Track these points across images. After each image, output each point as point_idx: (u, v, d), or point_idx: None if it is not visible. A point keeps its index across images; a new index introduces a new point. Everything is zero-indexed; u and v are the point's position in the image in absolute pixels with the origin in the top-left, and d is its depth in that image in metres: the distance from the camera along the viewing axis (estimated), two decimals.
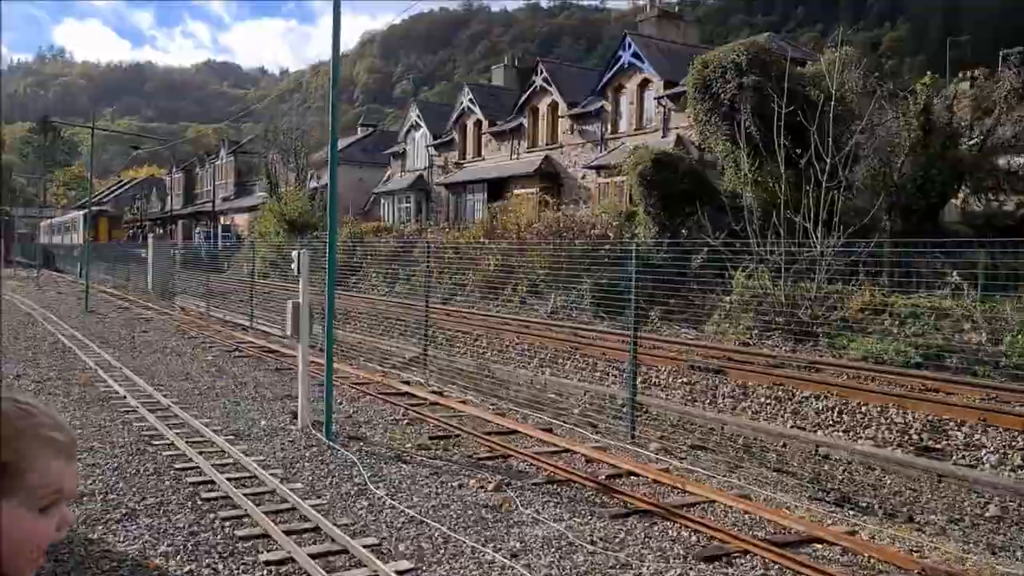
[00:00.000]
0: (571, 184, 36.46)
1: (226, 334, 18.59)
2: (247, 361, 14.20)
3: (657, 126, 32.54)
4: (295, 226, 44.37)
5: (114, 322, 20.63)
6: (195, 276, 31.87)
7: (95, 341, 16.23)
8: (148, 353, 14.70)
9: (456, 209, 42.95)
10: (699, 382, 14.49)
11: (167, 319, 22.10)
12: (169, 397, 10.31)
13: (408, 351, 19.14)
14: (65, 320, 20.55)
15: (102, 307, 25.20)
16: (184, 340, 17.08)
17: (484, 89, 43.96)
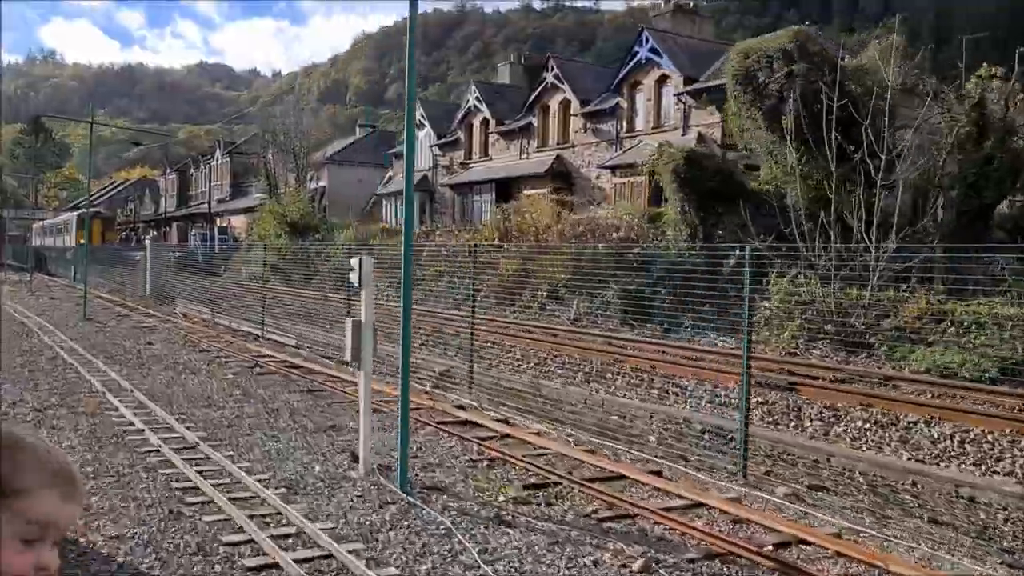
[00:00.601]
0: (584, 184, 34.87)
1: (239, 346, 16.88)
2: (272, 380, 12.51)
3: (676, 124, 30.96)
4: (296, 228, 42.62)
5: (116, 332, 18.89)
6: (196, 280, 30.09)
7: (98, 355, 14.50)
8: (159, 370, 12.98)
9: (462, 211, 41.29)
10: (775, 401, 12.86)
11: (171, 327, 20.37)
12: (194, 430, 8.62)
13: (436, 364, 17.47)
14: (62, 330, 18.78)
15: (100, 314, 23.42)
16: (196, 353, 15.37)
17: (491, 87, 42.30)
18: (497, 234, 29.87)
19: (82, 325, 20.08)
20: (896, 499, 8.44)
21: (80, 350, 15.13)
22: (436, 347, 17.80)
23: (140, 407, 9.88)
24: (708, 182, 23.05)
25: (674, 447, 10.09)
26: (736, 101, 21.35)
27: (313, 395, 11.16)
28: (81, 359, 13.94)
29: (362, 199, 53.75)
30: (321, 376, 12.93)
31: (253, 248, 41.49)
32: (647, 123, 32.36)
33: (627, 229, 24.94)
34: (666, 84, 31.83)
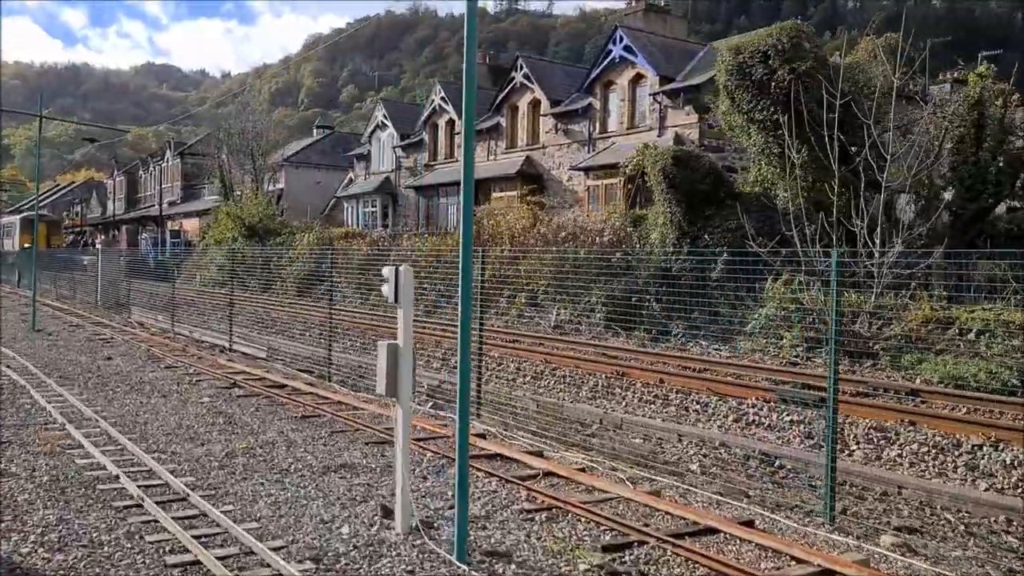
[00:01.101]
0: (555, 187, 33.64)
1: (208, 360, 15.25)
2: (255, 403, 10.95)
3: (652, 124, 29.91)
4: (255, 232, 40.69)
5: (69, 345, 17.07)
6: (151, 287, 28.14)
7: (52, 374, 12.78)
8: (125, 392, 11.34)
9: (427, 213, 39.76)
10: (810, 420, 11.68)
11: (130, 339, 18.60)
12: (180, 475, 7.08)
13: (427, 378, 16.01)
14: (9, 344, 16.90)
15: (51, 324, 21.47)
16: (162, 370, 13.71)
17: (456, 86, 40.76)
18: None
19: (32, 338, 18.18)
20: (1002, 543, 7.27)
21: (31, 368, 13.36)
22: (418, 359, 16.37)
23: (109, 443, 8.29)
24: (698, 184, 22.00)
25: (733, 482, 8.82)
26: (728, 99, 20.24)
27: (309, 423, 9.66)
28: (33, 380, 12.20)
29: (320, 202, 51.88)
30: (309, 397, 11.42)
31: (210, 252, 39.48)
32: (621, 124, 31.26)
33: (613, 231, 23.74)
34: (641, 84, 30.77)
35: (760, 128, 19.65)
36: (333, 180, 52.94)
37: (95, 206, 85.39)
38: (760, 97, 19.37)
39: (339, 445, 8.47)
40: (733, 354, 18.66)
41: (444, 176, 38.79)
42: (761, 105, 19.27)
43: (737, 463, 9.73)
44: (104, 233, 75.87)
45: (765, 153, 20.02)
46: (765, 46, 19.62)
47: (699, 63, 30.93)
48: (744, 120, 19.96)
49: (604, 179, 30.62)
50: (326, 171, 53.41)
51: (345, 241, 35.73)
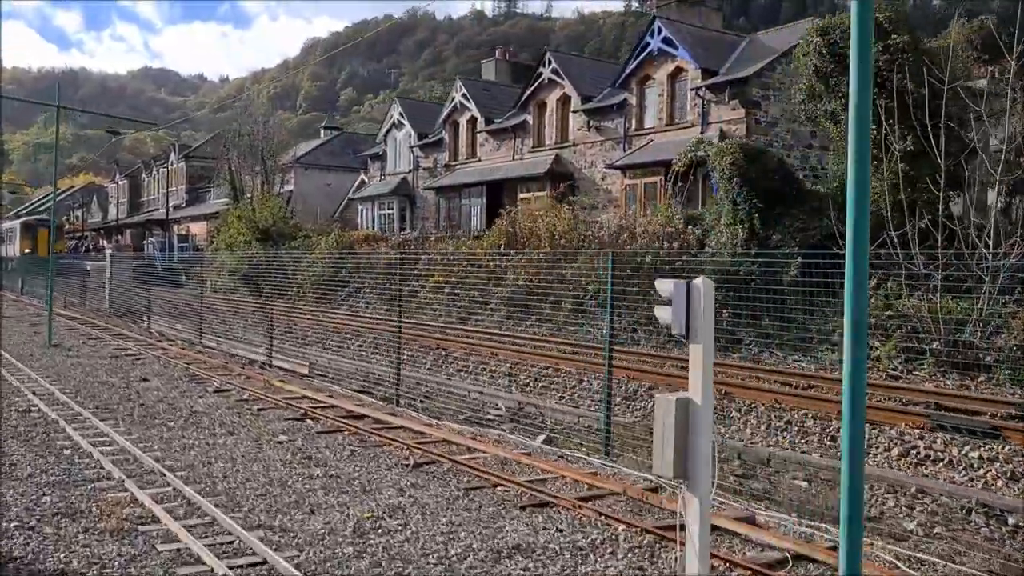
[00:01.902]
0: (587, 186, 31.59)
1: (256, 380, 13.16)
2: (344, 442, 8.84)
3: (694, 120, 27.86)
4: (268, 235, 38.48)
5: (94, 362, 14.92)
6: (170, 295, 25.96)
7: (87, 403, 10.66)
8: (180, 427, 9.25)
9: (447, 215, 37.62)
10: (1007, 458, 9.64)
11: (160, 355, 16.44)
12: (313, 572, 5.00)
13: (499, 398, 13.97)
14: (27, 361, 14.74)
15: (67, 337, 19.30)
16: (211, 395, 11.60)
17: (478, 83, 38.76)
18: (504, 240, 26.38)
19: (50, 355, 16.02)
20: None
21: (60, 395, 11.22)
22: (471, 373, 14.28)
23: (191, 511, 6.18)
24: (768, 180, 20.00)
25: (977, 548, 6.77)
26: (821, 84, 18.23)
27: (427, 473, 7.57)
28: (65, 411, 10.09)
29: (330, 204, 49.68)
30: (403, 433, 9.35)
31: (227, 257, 37.22)
32: (659, 120, 29.21)
33: (676, 232, 21.71)
34: (681, 78, 28.72)
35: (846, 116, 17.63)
36: (344, 182, 50.78)
37: (96, 211, 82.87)
38: (845, 82, 17.35)
39: (486, 511, 6.40)
40: (820, 366, 16.69)
41: (466, 176, 36.72)
42: (842, 91, 17.27)
43: (958, 519, 7.68)
44: (107, 238, 73.44)
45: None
46: None
47: (741, 56, 28.95)
48: (840, 107, 17.92)
49: (643, 178, 28.59)
50: (336, 173, 51.24)
51: (366, 245, 33.57)
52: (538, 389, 14.77)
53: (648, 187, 28.46)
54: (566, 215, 26.42)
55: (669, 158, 27.12)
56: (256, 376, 13.86)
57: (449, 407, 12.80)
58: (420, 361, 17.97)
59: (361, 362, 17.43)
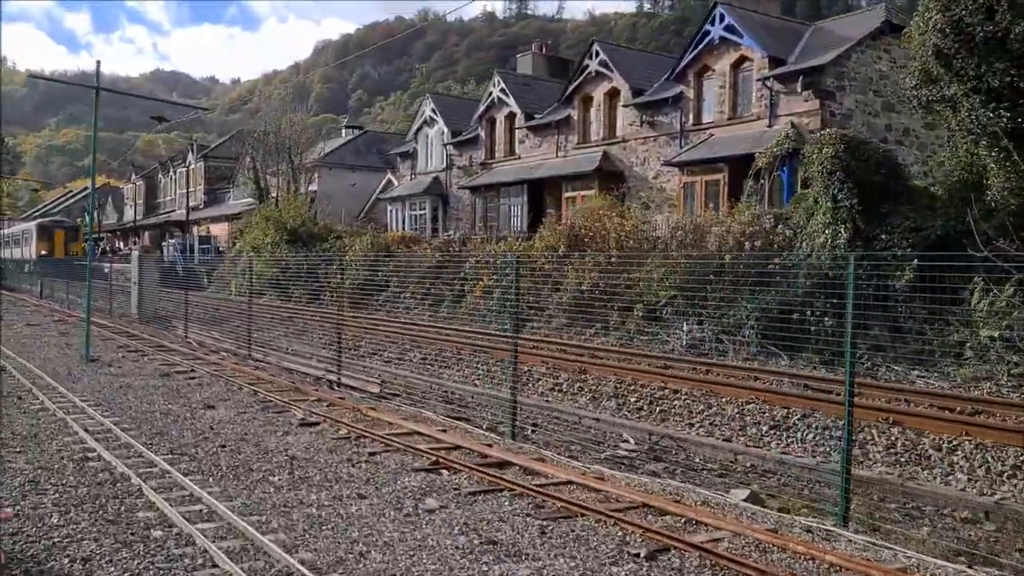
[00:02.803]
0: (639, 184, 29.36)
1: (339, 406, 10.89)
2: (516, 508, 6.55)
3: (760, 113, 25.60)
4: (297, 236, 36.22)
5: (144, 383, 12.66)
6: (211, 301, 23.69)
7: (155, 443, 8.40)
8: (289, 485, 7.01)
9: (484, 216, 35.31)
10: None
11: (213, 371, 14.16)
12: None
13: (623, 426, 11.78)
14: (66, 382, 12.48)
15: (102, 348, 17.01)
16: (302, 430, 9.33)
17: (517, 78, 36.47)
18: (564, 242, 24.06)
19: (90, 372, 13.74)
20: None
21: (118, 432, 8.94)
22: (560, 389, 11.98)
23: None
24: (872, 175, 17.76)
25: None
26: (941, 66, 15.88)
27: (672, 570, 5.29)
28: (134, 458, 7.80)
29: (355, 204, 47.39)
30: (576, 491, 7.08)
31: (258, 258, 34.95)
32: (720, 114, 26.92)
33: (766, 233, 19.46)
34: (745, 68, 26.45)
35: (986, 100, 15.29)
36: (369, 182, 48.57)
37: (111, 212, 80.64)
38: (988, 59, 15.03)
39: None
40: (954, 384, 14.44)
41: (504, 175, 34.48)
42: (992, 69, 14.94)
43: None
44: (124, 239, 71.23)
45: (987, 132, 15.68)
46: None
47: (807, 45, 26.67)
48: (962, 91, 15.59)
49: (703, 175, 26.33)
50: (361, 172, 49.02)
51: (404, 246, 31.28)
52: (656, 414, 12.49)
53: (709, 185, 26.20)
54: (634, 214, 24.21)
55: (733, 154, 24.93)
56: (335, 400, 11.60)
57: (563, 436, 10.54)
58: (497, 375, 15.68)
59: (431, 378, 15.17)
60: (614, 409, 13.08)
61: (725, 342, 17.85)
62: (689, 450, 10.52)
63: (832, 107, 24.40)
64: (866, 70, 25.06)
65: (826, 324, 16.11)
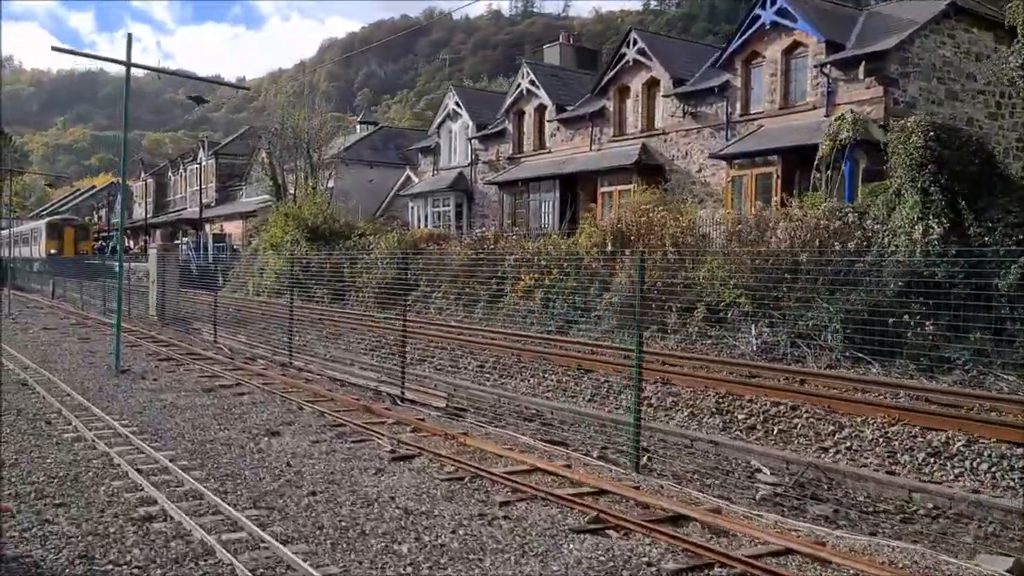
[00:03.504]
0: (681, 178, 27.57)
1: (425, 430, 9.09)
2: None
3: (816, 102, 23.79)
4: (318, 234, 34.41)
5: (189, 400, 10.87)
6: (238, 302, 21.89)
7: (228, 489, 6.59)
8: (432, 567, 5.17)
9: (513, 212, 33.47)
10: None
11: (259, 383, 12.36)
12: None
13: (752, 452, 10.05)
14: (99, 400, 10.69)
15: (130, 355, 15.19)
16: (400, 469, 7.54)
17: (547, 68, 34.62)
18: (611, 238, 22.23)
19: (124, 387, 11.93)
20: None
21: (175, 470, 7.14)
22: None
23: None
24: (966, 165, 15.99)
25: None
26: None
27: None
28: (206, 513, 5.97)
29: (372, 201, 45.55)
30: (811, 568, 5.32)
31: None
32: (771, 103, 25.09)
33: (840, 229, 17.63)
34: (798, 54, 24.63)
35: None
36: (386, 178, 46.74)
37: (120, 210, 78.74)
38: None
39: None
40: None
41: (534, 169, 32.68)
42: None
43: None
44: (133, 238, 69.37)
45: None
46: None
47: (864, 29, 24.83)
48: None
49: (754, 168, 24.49)
50: (379, 169, 47.17)
51: (434, 244, 29.42)
52: (774, 435, 10.70)
53: (760, 179, 24.36)
54: (690, 209, 22.44)
55: (786, 145, 23.15)
56: (413, 421, 9.81)
57: (686, 465, 8.76)
58: (571, 388, 13.89)
59: (502, 391, 13.38)
60: (720, 428, 11.31)
61: (802, 347, 16.10)
62: (845, 485, 8.74)
63: (896, 95, 22.63)
64: (930, 56, 23.26)
65: (927, 328, 14.42)
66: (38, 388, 11.51)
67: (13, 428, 8.70)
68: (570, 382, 14.34)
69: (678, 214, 21.67)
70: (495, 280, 24.14)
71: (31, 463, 7.21)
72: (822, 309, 16.00)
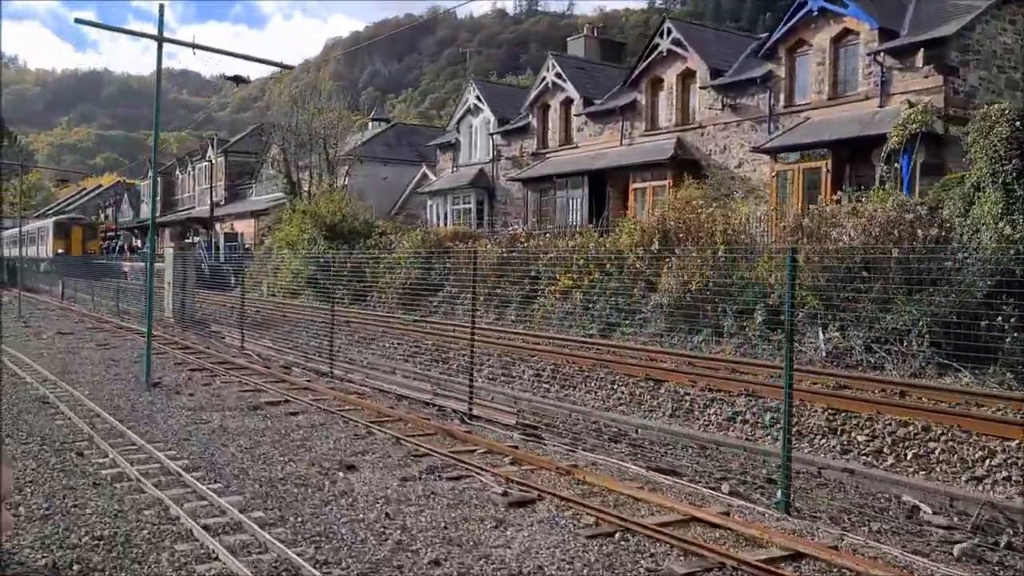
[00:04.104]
0: (719, 174, 26.03)
1: (527, 462, 7.57)
2: None
3: (869, 92, 22.28)
4: (337, 233, 32.88)
5: (236, 423, 9.34)
6: (264, 305, 20.36)
7: (328, 556, 5.12)
8: None
9: (538, 209, 31.95)
10: None
11: (310, 399, 10.84)
12: None
13: (904, 485, 8.56)
14: (134, 421, 9.15)
15: (161, 368, 13.65)
16: (527, 520, 5.99)
17: (573, 61, 33.07)
18: (657, 236, 20.70)
19: (159, 404, 10.39)
20: None
21: (253, 527, 5.59)
22: None
23: None
24: None
25: None
26: None
27: None
28: None
29: (387, 199, 43.99)
30: None
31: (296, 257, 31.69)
32: (818, 94, 23.58)
33: (918, 222, 16.11)
34: (848, 42, 23.14)
35: None
36: (401, 176, 45.21)
37: (126, 209, 77.08)
38: None
39: None
40: None
41: (561, 165, 31.16)
42: None
43: None
44: (139, 237, 67.74)
45: None
46: None
47: (916, 16, 23.30)
48: None
49: (801, 162, 22.97)
50: (393, 166, 45.60)
51: (460, 243, 27.87)
52: (908, 460, 9.19)
53: (807, 173, 22.85)
54: (741, 206, 20.96)
55: (838, 137, 21.65)
56: (509, 450, 8.29)
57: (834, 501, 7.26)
58: (646, 401, 12.37)
59: (579, 407, 11.88)
60: (839, 451, 9.81)
61: (879, 352, 14.59)
62: None
63: (956, 84, 21.13)
64: (990, 43, 21.75)
65: None
66: (61, 406, 9.99)
67: (40, 462, 7.18)
68: (644, 394, 12.82)
69: (727, 211, 20.19)
70: (528, 280, 22.67)
71: (68, 515, 5.70)
72: (903, 311, 14.52)
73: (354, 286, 26.15)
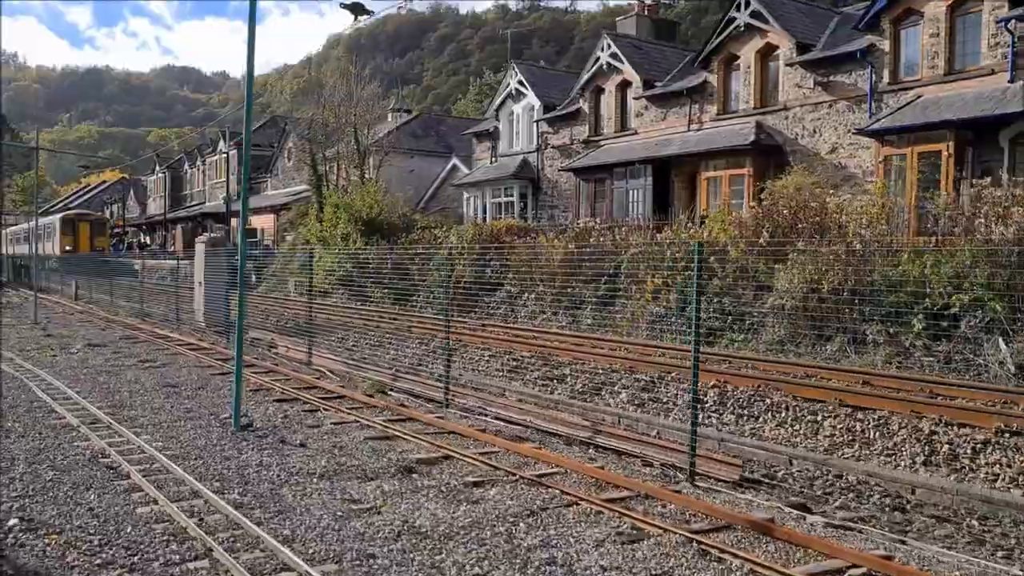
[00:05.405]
0: (807, 160, 22.84)
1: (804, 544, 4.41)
2: None
3: (995, 65, 19.12)
4: (374, 226, 29.55)
5: (403, 501, 6.07)
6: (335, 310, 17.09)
7: None
8: None
9: (592, 201, 28.70)
10: None
11: (474, 453, 7.61)
12: None
13: None
14: (252, 501, 5.92)
15: (229, 393, 10.36)
16: None
17: (629, 40, 29.79)
18: (767, 228, 17.47)
19: (273, 468, 7.06)
20: None
21: None
22: None
23: None
24: None
25: None
26: None
27: None
28: None
29: (414, 192, 40.63)
30: None
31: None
32: (931, 69, 20.41)
33: None
34: (966, 10, 19.98)
35: None
36: (428, 167, 41.90)
37: (132, 206, 73.28)
38: None
39: None
40: None
41: (619, 153, 27.96)
42: None
43: None
44: (148, 233, 64.08)
45: None
46: None
47: None
48: None
49: (915, 145, 19.78)
50: (420, 157, 42.27)
51: (517, 237, 24.55)
52: None
53: (922, 158, 19.67)
54: (876, 191, 17.79)
55: (961, 117, 18.53)
56: (801, 538, 5.11)
57: None
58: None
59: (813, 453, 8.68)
60: None
61: None
62: None
63: None
64: None
65: None
66: (134, 474, 6.66)
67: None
68: (869, 431, 9.60)
69: (861, 200, 17.03)
70: (605, 279, 19.47)
71: None
72: None
73: (398, 285, 22.95)
